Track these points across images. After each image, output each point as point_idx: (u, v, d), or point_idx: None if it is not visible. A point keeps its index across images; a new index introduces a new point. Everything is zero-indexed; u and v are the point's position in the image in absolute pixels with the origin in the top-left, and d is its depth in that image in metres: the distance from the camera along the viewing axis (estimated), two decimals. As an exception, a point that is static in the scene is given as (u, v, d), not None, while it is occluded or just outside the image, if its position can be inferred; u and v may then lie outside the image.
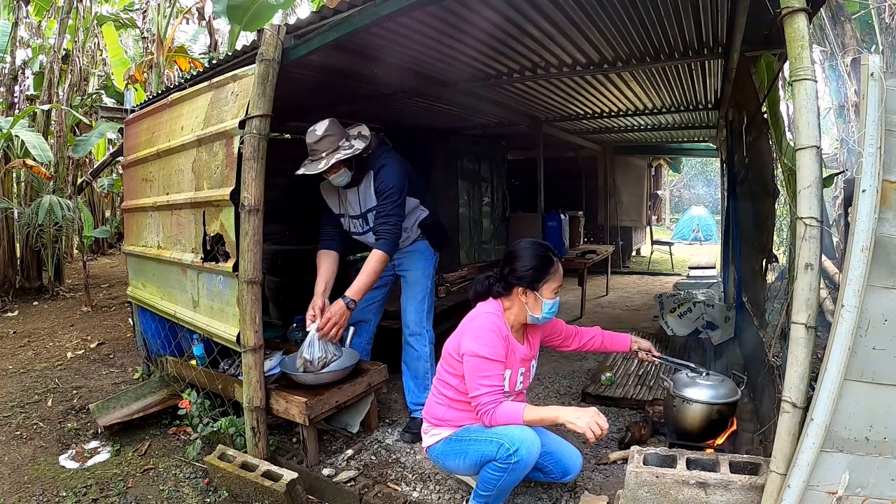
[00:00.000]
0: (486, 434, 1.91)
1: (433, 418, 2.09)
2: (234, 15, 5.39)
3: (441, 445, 2.05)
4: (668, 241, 10.37)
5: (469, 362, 1.89)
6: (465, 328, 1.99)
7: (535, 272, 1.97)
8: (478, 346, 1.88)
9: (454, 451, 2.00)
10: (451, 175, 5.86)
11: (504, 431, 1.87)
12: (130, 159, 3.58)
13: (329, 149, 2.48)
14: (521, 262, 1.99)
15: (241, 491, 2.24)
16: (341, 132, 2.54)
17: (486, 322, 1.95)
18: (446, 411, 2.05)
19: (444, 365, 2.06)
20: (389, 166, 2.58)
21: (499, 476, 1.88)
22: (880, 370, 1.45)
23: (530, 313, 2.01)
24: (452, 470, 2.12)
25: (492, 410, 1.86)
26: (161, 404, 3.04)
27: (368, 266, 2.50)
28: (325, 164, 2.45)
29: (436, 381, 2.13)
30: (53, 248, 6.46)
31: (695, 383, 2.21)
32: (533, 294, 1.98)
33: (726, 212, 4.82)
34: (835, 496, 1.51)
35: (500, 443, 1.85)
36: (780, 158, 2.21)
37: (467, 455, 1.95)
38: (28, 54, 8.51)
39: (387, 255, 2.51)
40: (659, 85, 4.01)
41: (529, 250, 2.01)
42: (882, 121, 1.43)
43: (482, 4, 2.30)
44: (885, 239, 1.44)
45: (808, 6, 1.48)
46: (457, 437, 2.01)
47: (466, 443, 1.96)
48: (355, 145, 2.52)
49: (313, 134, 2.50)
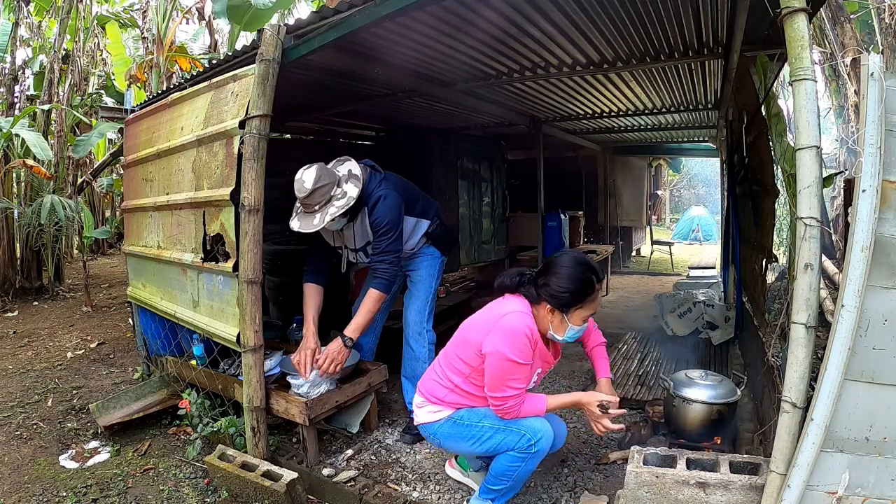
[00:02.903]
0: (505, 424, 1.89)
1: (431, 396, 2.02)
2: (234, 15, 5.41)
3: (445, 426, 1.99)
4: (668, 241, 10.37)
5: (497, 364, 1.80)
6: (495, 325, 1.84)
7: (572, 297, 1.82)
8: (509, 349, 1.78)
9: (463, 435, 1.96)
10: (451, 175, 5.86)
11: (525, 422, 1.88)
12: (130, 159, 3.59)
13: (321, 201, 2.36)
14: (559, 281, 1.82)
15: (240, 491, 2.24)
16: (331, 178, 2.39)
17: (520, 325, 1.81)
18: (448, 394, 1.98)
19: (457, 351, 1.96)
20: (384, 202, 2.48)
21: (517, 466, 1.90)
22: (880, 370, 1.46)
23: (552, 332, 1.90)
24: (453, 450, 2.09)
25: (516, 409, 1.84)
26: (161, 404, 3.04)
27: (365, 306, 2.52)
28: (319, 220, 2.36)
29: (442, 361, 2.03)
30: (53, 248, 6.46)
31: (695, 383, 2.21)
32: (561, 315, 1.85)
33: (726, 212, 4.81)
34: (835, 496, 1.51)
35: (521, 433, 1.87)
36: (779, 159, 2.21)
37: (482, 441, 1.92)
38: (28, 54, 8.52)
39: (384, 294, 2.53)
40: (659, 85, 4.01)
41: (573, 270, 1.83)
42: (882, 121, 1.43)
43: (482, 4, 2.30)
44: (885, 239, 1.44)
45: (808, 6, 1.48)
46: (466, 421, 1.95)
47: (480, 429, 1.92)
48: (348, 192, 2.41)
49: (303, 187, 2.34)
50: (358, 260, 2.75)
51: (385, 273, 2.51)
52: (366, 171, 2.56)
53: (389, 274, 2.52)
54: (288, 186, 2.41)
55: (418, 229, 2.75)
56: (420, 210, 2.75)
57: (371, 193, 2.51)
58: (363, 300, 2.56)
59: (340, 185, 2.43)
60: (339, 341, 2.46)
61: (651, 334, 4.40)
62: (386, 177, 2.62)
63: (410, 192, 2.73)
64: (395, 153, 5.35)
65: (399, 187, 2.62)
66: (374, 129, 5.92)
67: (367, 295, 2.54)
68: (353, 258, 2.75)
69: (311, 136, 5.78)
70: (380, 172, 2.64)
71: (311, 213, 2.40)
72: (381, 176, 2.61)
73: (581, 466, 2.47)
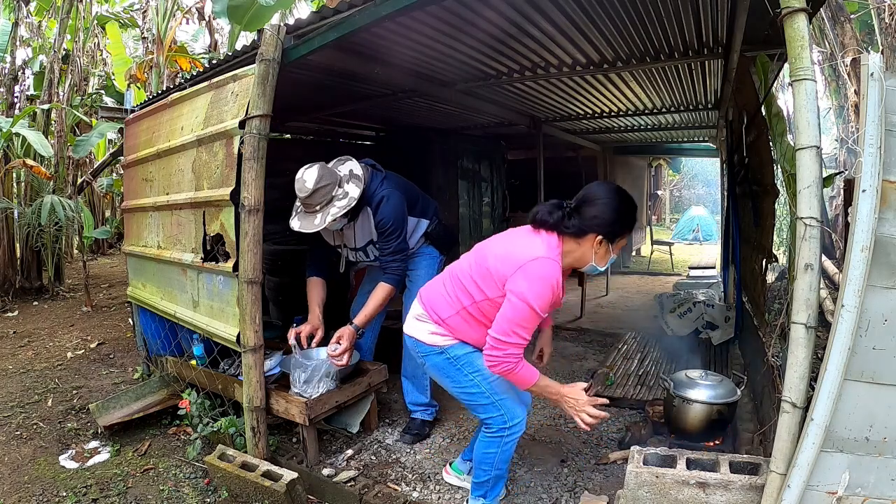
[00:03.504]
0: (492, 393, 1.90)
1: (434, 312, 1.94)
2: (235, 15, 5.40)
3: (438, 358, 1.95)
4: (668, 241, 10.37)
5: (516, 306, 1.72)
6: (524, 267, 1.74)
7: (622, 225, 1.80)
8: (534, 297, 1.71)
9: (450, 375, 1.95)
10: (451, 175, 5.86)
11: (508, 403, 1.91)
12: (130, 159, 3.59)
13: (322, 202, 2.35)
14: (608, 210, 1.77)
15: (240, 491, 2.24)
16: (333, 178, 2.38)
17: (551, 275, 1.74)
18: (452, 315, 1.91)
19: (474, 275, 1.87)
20: (387, 201, 2.49)
21: (494, 452, 1.92)
22: (880, 370, 1.45)
23: (594, 263, 1.83)
24: (432, 377, 2.06)
25: (513, 366, 1.74)
26: (161, 404, 3.04)
27: (375, 297, 2.55)
28: (321, 221, 2.35)
29: (453, 279, 1.94)
30: (53, 248, 6.46)
31: (695, 383, 2.21)
32: (607, 246, 1.81)
33: (726, 212, 4.81)
34: (835, 496, 1.51)
35: (500, 411, 1.90)
36: (779, 159, 2.21)
37: (464, 391, 1.93)
38: (28, 54, 8.51)
39: (394, 288, 2.56)
40: (659, 85, 4.01)
41: (617, 199, 1.80)
42: (882, 121, 1.43)
43: (482, 4, 2.30)
44: (885, 239, 1.44)
45: (808, 6, 1.48)
46: (459, 364, 1.92)
47: (470, 380, 1.91)
48: (350, 193, 2.40)
49: (304, 187, 2.33)
50: (358, 259, 2.75)
51: (397, 270, 2.56)
52: (367, 171, 2.56)
53: (401, 271, 2.58)
54: (288, 186, 2.40)
55: (418, 229, 2.75)
56: (420, 210, 2.75)
57: (374, 193, 2.51)
58: (374, 292, 2.57)
59: (342, 185, 2.42)
60: (350, 328, 2.51)
61: (651, 334, 4.40)
62: (387, 176, 2.62)
63: (411, 191, 2.73)
64: (395, 153, 5.35)
65: (400, 186, 2.62)
66: (374, 129, 5.92)
67: (378, 287, 2.56)
68: (354, 257, 2.75)
69: (311, 136, 5.78)
70: (381, 172, 2.64)
71: (311, 213, 2.39)
72: (382, 175, 2.61)
73: (581, 466, 2.47)
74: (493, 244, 1.92)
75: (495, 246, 1.90)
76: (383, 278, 2.56)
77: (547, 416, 3.02)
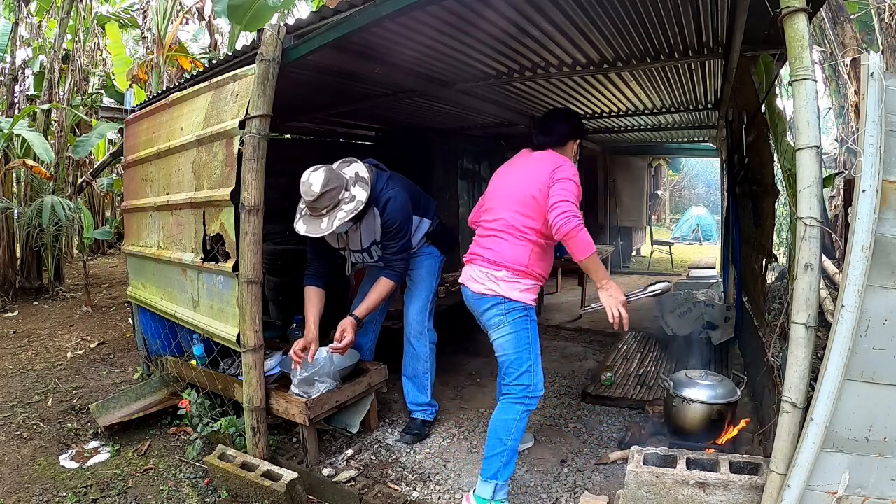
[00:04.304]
0: (535, 359, 2.09)
1: (519, 265, 2.08)
2: (235, 15, 5.40)
3: (520, 313, 2.08)
4: (668, 241, 10.36)
5: (569, 185, 2.00)
6: (560, 167, 2.06)
7: (581, 126, 2.32)
8: (576, 177, 2.05)
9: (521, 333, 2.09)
10: (451, 175, 5.86)
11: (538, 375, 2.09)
12: (130, 159, 3.59)
13: (329, 206, 2.33)
14: (569, 120, 2.28)
15: (240, 491, 2.24)
16: (339, 182, 2.36)
17: (573, 165, 2.15)
18: (529, 256, 2.08)
19: (518, 209, 2.09)
20: (393, 201, 2.48)
21: (512, 418, 2.03)
22: (880, 370, 1.46)
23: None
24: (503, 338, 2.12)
25: (579, 224, 1.90)
26: (161, 404, 3.04)
27: (377, 291, 2.55)
28: (328, 225, 2.32)
29: (504, 226, 2.12)
30: (53, 248, 6.46)
31: (695, 383, 2.21)
32: (578, 143, 2.30)
33: (726, 212, 4.82)
34: (835, 496, 1.51)
35: (531, 382, 2.06)
36: (780, 159, 2.21)
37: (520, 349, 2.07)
38: (28, 54, 8.51)
39: (396, 285, 2.58)
40: (659, 85, 4.01)
41: (565, 111, 2.40)
42: (882, 121, 1.43)
43: (482, 5, 2.30)
44: (885, 239, 1.44)
45: (808, 6, 1.48)
46: (531, 326, 2.11)
47: (528, 341, 2.09)
48: (357, 196, 2.38)
49: (310, 190, 2.29)
50: (363, 260, 2.75)
51: (400, 267, 2.57)
52: (372, 172, 2.55)
53: (403, 269, 2.60)
54: (288, 186, 2.41)
55: (421, 228, 2.76)
56: (423, 209, 2.76)
57: (380, 194, 2.50)
58: (375, 285, 2.56)
59: (348, 188, 2.40)
60: (351, 319, 2.51)
61: (651, 334, 4.40)
62: (391, 176, 2.63)
63: (413, 191, 2.73)
64: (395, 153, 5.34)
65: (405, 186, 2.63)
66: (374, 129, 5.92)
67: (380, 280, 2.55)
68: (357, 259, 2.75)
69: (311, 136, 5.78)
70: (385, 171, 2.65)
71: (318, 216, 2.37)
72: (387, 175, 2.62)
73: (581, 466, 2.47)
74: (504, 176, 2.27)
75: (508, 174, 2.26)
76: (385, 273, 2.55)
77: (547, 417, 3.02)
